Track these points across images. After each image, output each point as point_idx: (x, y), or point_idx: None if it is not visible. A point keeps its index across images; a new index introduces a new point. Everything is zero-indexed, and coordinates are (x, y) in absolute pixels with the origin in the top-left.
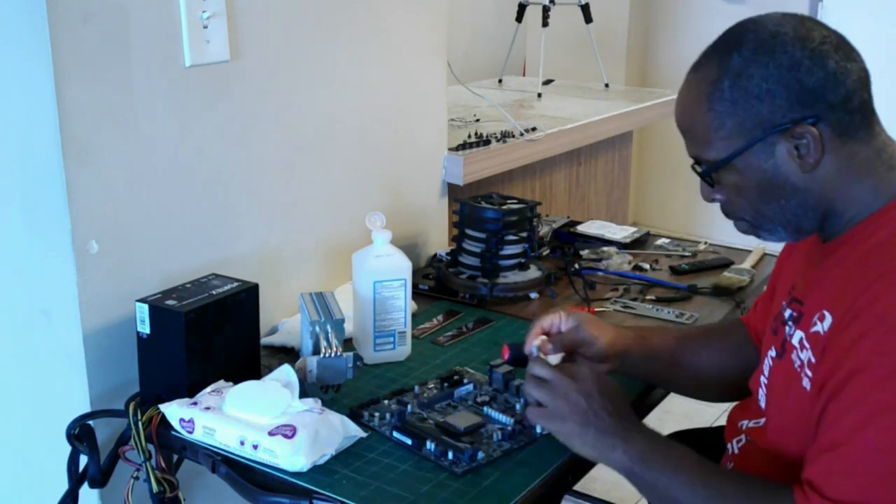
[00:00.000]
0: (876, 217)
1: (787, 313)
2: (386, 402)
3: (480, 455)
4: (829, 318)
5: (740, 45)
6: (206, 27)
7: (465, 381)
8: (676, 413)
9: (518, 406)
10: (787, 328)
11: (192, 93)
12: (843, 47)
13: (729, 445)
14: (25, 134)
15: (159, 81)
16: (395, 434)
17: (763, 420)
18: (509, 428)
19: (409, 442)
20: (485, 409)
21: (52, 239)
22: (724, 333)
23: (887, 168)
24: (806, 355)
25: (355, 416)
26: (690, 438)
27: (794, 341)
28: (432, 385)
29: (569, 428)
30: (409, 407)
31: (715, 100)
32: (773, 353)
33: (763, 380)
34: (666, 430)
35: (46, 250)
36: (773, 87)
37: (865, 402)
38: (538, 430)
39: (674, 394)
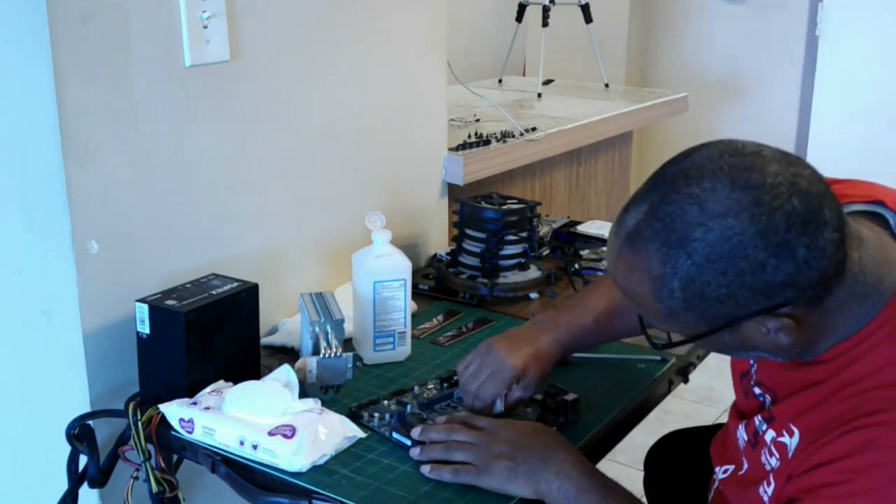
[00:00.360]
0: (858, 339)
1: (758, 391)
2: (385, 402)
3: None
4: (796, 436)
5: (687, 243)
6: (206, 27)
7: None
8: (676, 413)
9: (518, 406)
10: (756, 421)
11: (192, 93)
12: (811, 219)
13: (716, 471)
14: (25, 134)
15: (159, 81)
16: (395, 434)
17: (732, 468)
18: None
19: (408, 442)
20: None
21: (52, 239)
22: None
23: (862, 297)
24: (774, 461)
25: (355, 417)
26: (690, 438)
27: (767, 439)
28: (432, 385)
29: (500, 475)
30: (408, 407)
31: (664, 297)
32: (744, 435)
33: (741, 443)
34: (666, 429)
35: (46, 250)
36: (734, 292)
37: None
38: None
39: (673, 396)
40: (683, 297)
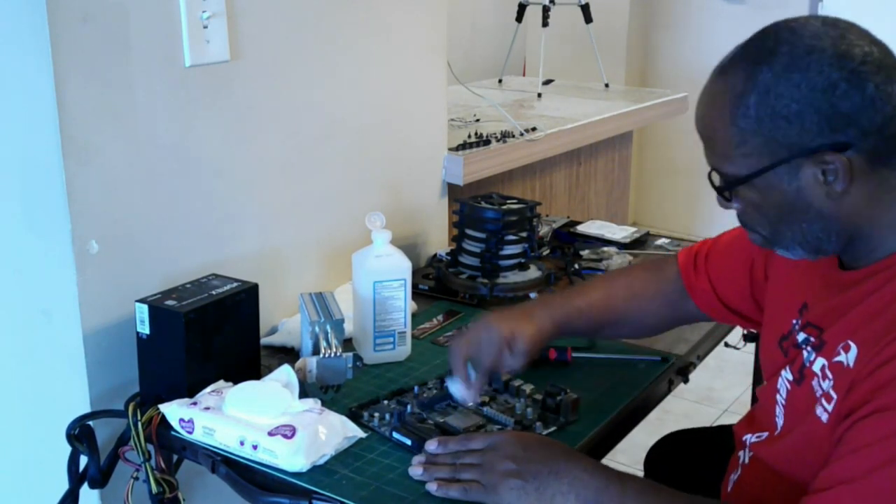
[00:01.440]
0: None
1: (802, 337)
2: (385, 402)
3: None
4: (854, 350)
5: (772, 57)
6: (206, 27)
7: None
8: (676, 413)
9: (518, 406)
10: (804, 353)
11: (192, 93)
12: (886, 66)
13: (741, 453)
14: (25, 134)
15: (159, 81)
16: (395, 434)
17: (766, 434)
18: (509, 428)
19: (408, 442)
20: (484, 409)
21: (52, 239)
22: (653, 294)
23: None
24: (827, 384)
25: (355, 417)
26: (690, 438)
27: (816, 368)
28: (432, 385)
29: (508, 495)
30: (408, 407)
31: (739, 115)
32: (789, 376)
33: (780, 399)
34: (666, 430)
35: (46, 250)
36: (803, 109)
37: (890, 442)
38: (538, 430)
39: (673, 396)
40: (756, 114)
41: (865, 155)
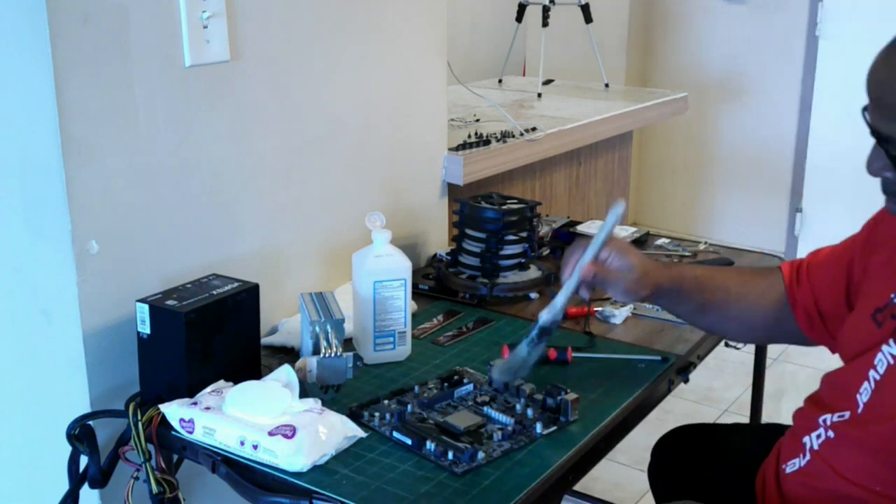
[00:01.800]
0: None
1: None
2: (386, 402)
3: (480, 455)
4: None
5: None
6: (206, 27)
7: (465, 381)
8: (676, 413)
9: (518, 406)
10: None
11: (192, 93)
12: None
13: (807, 439)
14: (25, 134)
15: (159, 81)
16: (395, 434)
17: (848, 413)
18: (509, 428)
19: (408, 442)
20: (485, 409)
21: (52, 239)
22: (760, 294)
23: None
24: None
25: (355, 416)
26: (696, 433)
27: None
28: (432, 385)
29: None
30: (409, 407)
31: None
32: (893, 349)
33: (874, 375)
34: (666, 430)
35: (46, 250)
36: None
37: None
38: (538, 430)
39: (673, 396)
40: None
41: None
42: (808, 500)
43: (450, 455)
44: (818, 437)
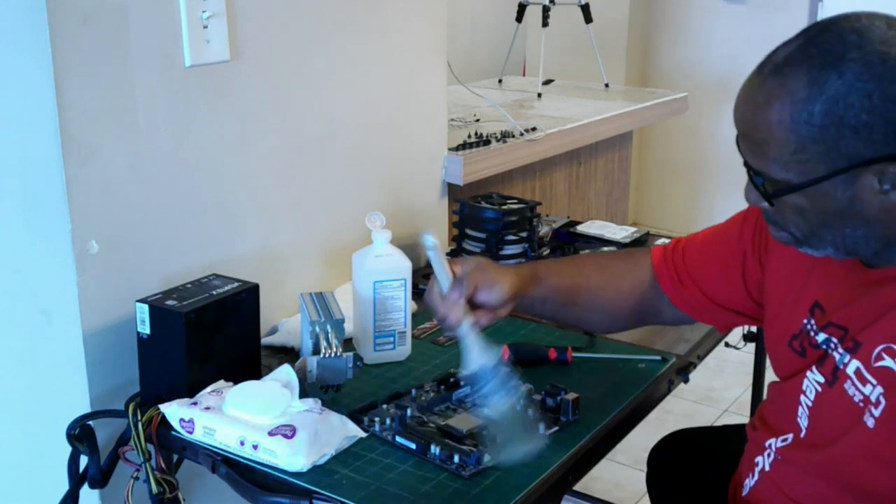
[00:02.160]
0: None
1: (823, 337)
2: (384, 406)
3: (486, 458)
4: None
5: (841, 63)
6: (206, 27)
7: (462, 382)
8: (677, 413)
9: (518, 406)
10: (835, 355)
11: (192, 93)
12: None
13: (759, 459)
14: (25, 134)
15: (159, 81)
16: (399, 439)
17: (791, 437)
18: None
19: (413, 446)
20: (483, 410)
21: (52, 239)
22: (624, 275)
23: None
24: (870, 390)
25: (354, 421)
26: (691, 438)
27: (850, 371)
28: (429, 388)
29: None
30: (408, 411)
31: (801, 122)
32: (818, 378)
33: (805, 401)
34: (666, 430)
35: (46, 250)
36: (873, 121)
37: None
38: (540, 429)
39: (673, 396)
40: (821, 122)
41: None
42: None
43: (455, 458)
44: (768, 456)
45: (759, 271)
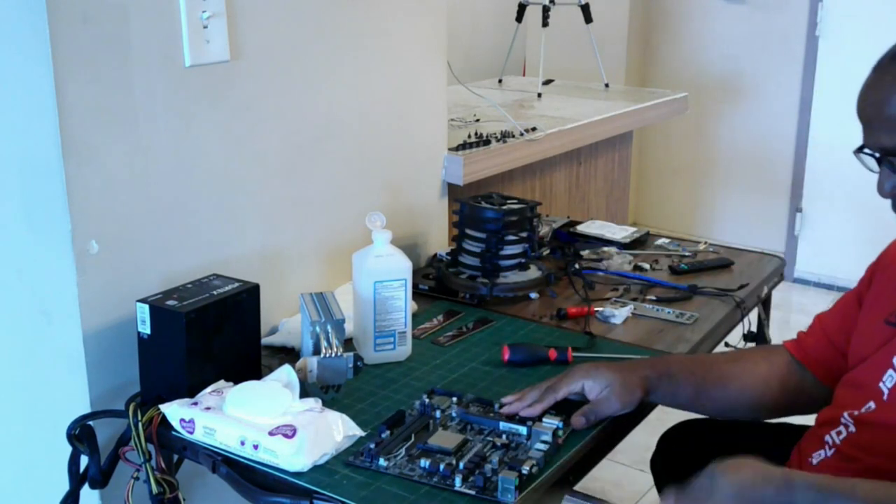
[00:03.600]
0: None
1: None
2: (383, 436)
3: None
4: None
5: None
6: (206, 27)
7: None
8: (677, 413)
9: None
10: None
11: (192, 93)
12: None
13: (828, 437)
14: (25, 134)
15: (159, 81)
16: (415, 468)
17: (873, 403)
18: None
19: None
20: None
21: (52, 239)
22: (757, 361)
23: None
24: None
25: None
26: (699, 428)
27: None
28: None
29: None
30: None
31: None
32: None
33: (893, 368)
34: (666, 429)
35: (46, 250)
36: None
37: None
38: (547, 431)
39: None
40: None
41: None
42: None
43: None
44: (838, 433)
45: (869, 295)
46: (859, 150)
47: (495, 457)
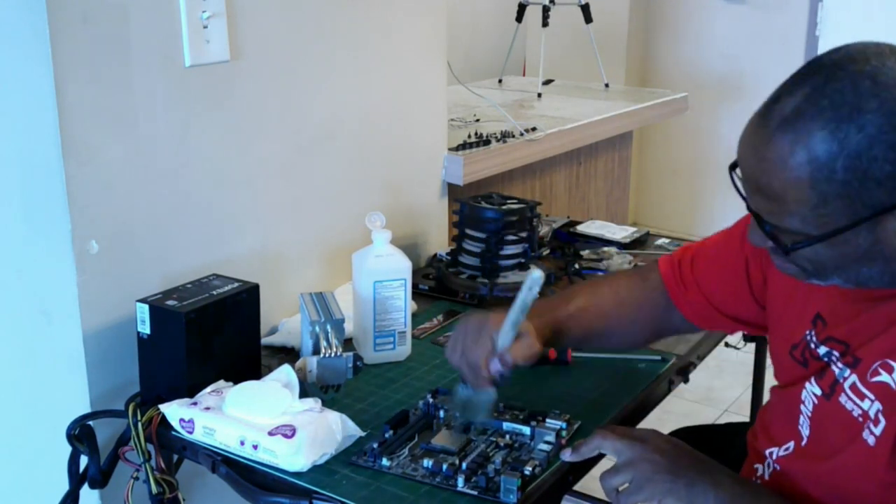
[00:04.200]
0: None
1: (824, 350)
2: (387, 435)
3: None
4: None
5: (860, 114)
6: (206, 27)
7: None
8: (677, 413)
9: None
10: (834, 368)
11: (192, 93)
12: None
13: (758, 466)
14: (25, 134)
15: (159, 81)
16: (422, 469)
17: (792, 445)
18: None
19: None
20: (502, 423)
21: (52, 239)
22: (637, 295)
23: None
24: (868, 405)
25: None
26: (692, 436)
27: (846, 385)
28: (422, 405)
29: (660, 487)
30: (416, 437)
31: (822, 179)
32: (816, 390)
33: (805, 411)
34: (666, 430)
35: (46, 250)
36: None
37: None
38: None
39: (673, 396)
40: (844, 178)
41: None
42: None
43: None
44: (768, 466)
45: (761, 276)
46: (733, 168)
47: (498, 457)
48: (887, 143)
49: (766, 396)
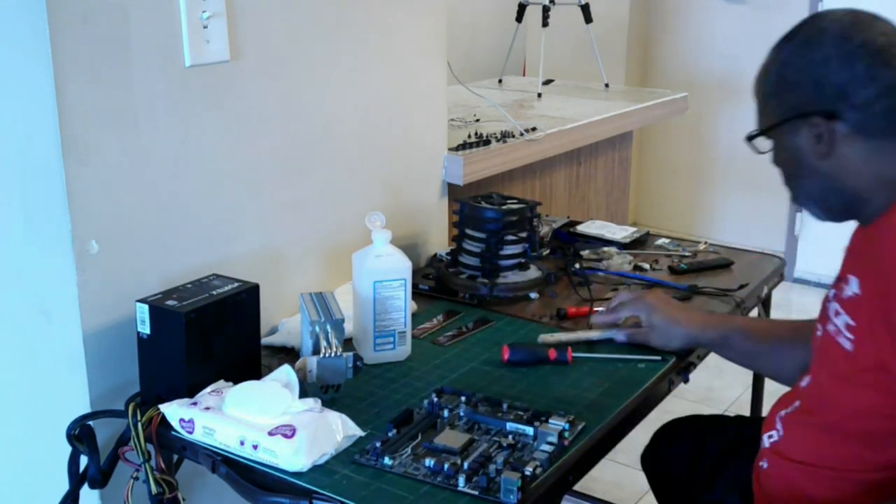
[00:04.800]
0: None
1: (832, 293)
2: (390, 434)
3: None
4: (854, 279)
5: (794, 36)
6: (206, 27)
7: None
8: (676, 413)
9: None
10: (829, 305)
11: (192, 93)
12: (885, 52)
13: (771, 432)
14: (25, 134)
15: (159, 81)
16: (423, 467)
17: (798, 402)
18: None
19: (438, 468)
20: (507, 423)
21: (52, 239)
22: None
23: None
24: (842, 320)
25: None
26: (693, 424)
27: (831, 313)
28: (426, 404)
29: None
30: (419, 437)
31: (763, 82)
32: (819, 332)
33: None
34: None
35: (46, 250)
36: (803, 79)
37: None
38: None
39: (673, 396)
40: (774, 80)
41: (853, 125)
42: (774, 490)
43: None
44: (778, 430)
45: None
46: (750, 137)
47: (500, 457)
48: (799, 54)
49: (767, 396)
